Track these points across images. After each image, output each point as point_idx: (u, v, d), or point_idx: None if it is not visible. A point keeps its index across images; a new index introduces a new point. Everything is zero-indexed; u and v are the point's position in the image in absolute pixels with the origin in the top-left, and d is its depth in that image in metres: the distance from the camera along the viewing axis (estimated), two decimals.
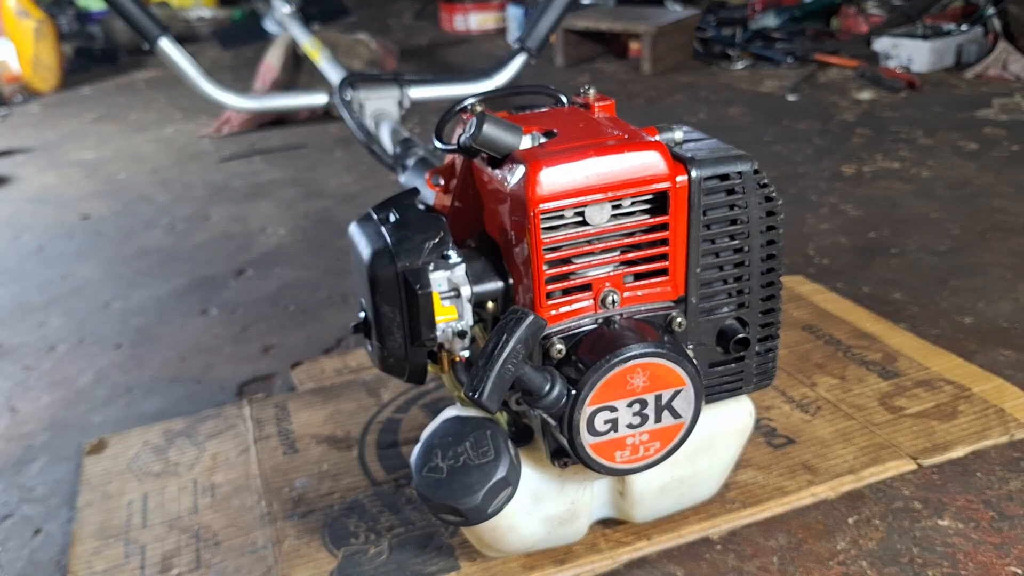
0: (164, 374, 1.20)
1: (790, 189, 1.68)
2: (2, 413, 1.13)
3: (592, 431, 0.62)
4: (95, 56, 3.52)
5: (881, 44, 2.60)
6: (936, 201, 1.58)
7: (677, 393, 0.63)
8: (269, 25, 2.72)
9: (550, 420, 0.62)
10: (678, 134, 0.68)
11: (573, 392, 0.60)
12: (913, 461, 0.85)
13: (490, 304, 0.67)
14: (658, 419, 0.64)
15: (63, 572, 0.82)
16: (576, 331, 0.63)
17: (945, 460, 0.86)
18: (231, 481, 0.91)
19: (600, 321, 0.63)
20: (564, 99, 0.74)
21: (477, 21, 3.66)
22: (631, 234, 0.63)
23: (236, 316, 1.36)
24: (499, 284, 0.66)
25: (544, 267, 0.61)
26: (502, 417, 0.71)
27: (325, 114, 2.44)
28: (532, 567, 0.75)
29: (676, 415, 0.64)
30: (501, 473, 0.62)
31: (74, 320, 1.39)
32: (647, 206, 0.63)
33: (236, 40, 3.36)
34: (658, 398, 0.63)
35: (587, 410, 0.61)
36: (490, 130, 0.60)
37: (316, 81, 2.34)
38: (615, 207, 0.62)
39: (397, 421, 0.99)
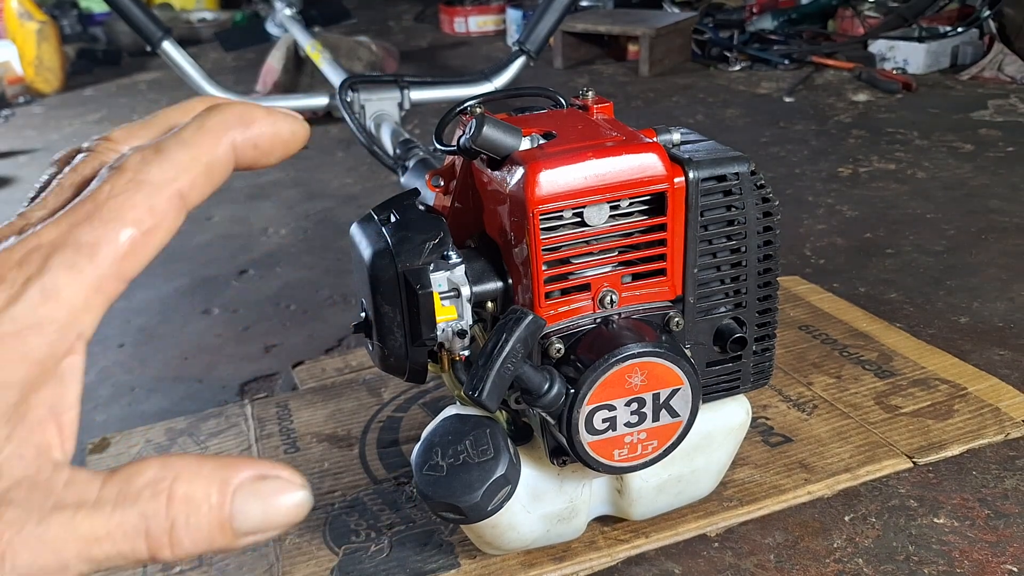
0: (166, 373, 1.21)
1: (787, 190, 1.69)
2: None
3: (590, 430, 0.62)
4: (97, 58, 3.53)
5: (877, 46, 2.61)
6: (932, 202, 1.59)
7: (675, 392, 0.64)
8: (271, 27, 2.73)
9: (549, 419, 0.63)
10: (676, 136, 0.69)
11: (572, 391, 0.61)
12: (909, 459, 0.86)
13: (490, 304, 0.67)
14: (656, 418, 0.64)
15: None
16: (575, 331, 0.64)
17: (941, 458, 0.86)
18: None
19: (598, 321, 0.64)
20: (563, 101, 0.75)
21: (476, 23, 3.67)
22: (629, 235, 0.64)
23: (238, 316, 1.36)
24: (499, 284, 0.67)
25: (543, 267, 0.62)
26: (501, 416, 0.71)
27: (326, 116, 2.45)
28: (531, 564, 0.76)
29: (674, 414, 0.65)
30: (501, 471, 0.63)
31: None
32: (645, 207, 0.64)
33: (238, 42, 3.37)
34: (656, 397, 0.63)
35: (585, 409, 0.62)
36: (490, 132, 0.61)
37: (317, 83, 2.35)
38: (613, 208, 0.62)
39: (398, 420, 1.00)
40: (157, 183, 0.24)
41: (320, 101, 1.43)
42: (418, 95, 1.35)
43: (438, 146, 0.70)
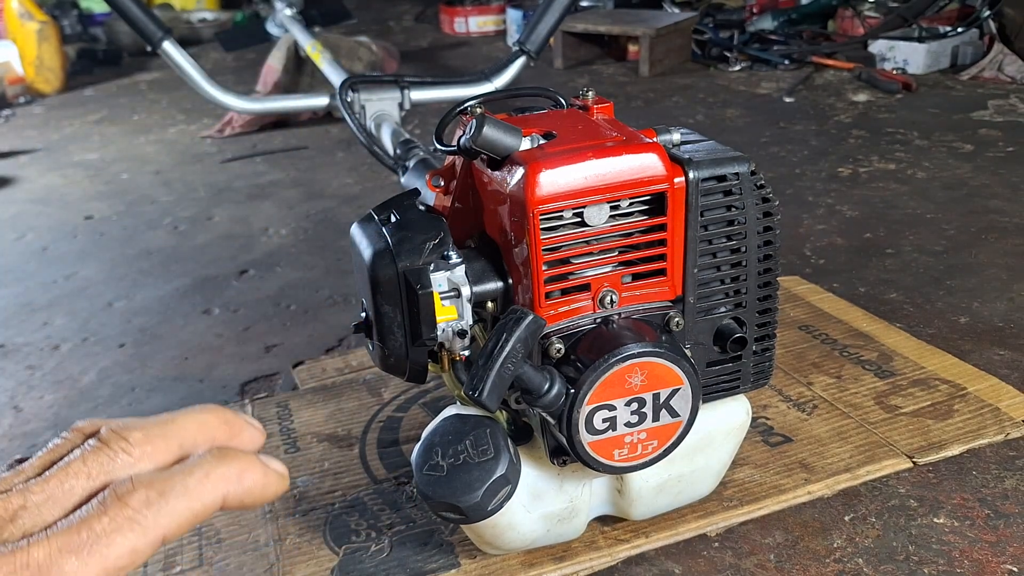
0: (167, 373, 1.21)
1: (787, 190, 1.69)
2: (6, 412, 1.14)
3: (591, 429, 0.63)
4: (98, 58, 3.53)
5: (877, 46, 2.61)
6: (932, 202, 1.59)
7: (675, 392, 0.64)
8: (271, 27, 2.73)
9: (549, 419, 0.63)
10: (676, 136, 0.69)
11: (572, 391, 0.61)
12: (909, 459, 0.86)
13: (490, 304, 0.67)
14: (656, 418, 0.64)
15: None
16: (575, 331, 0.64)
17: (940, 458, 0.86)
18: None
19: (599, 321, 0.64)
20: (563, 101, 0.75)
21: (477, 24, 3.67)
22: (629, 235, 0.64)
23: (238, 316, 1.37)
24: (499, 284, 0.67)
25: (543, 267, 0.62)
26: (502, 416, 0.72)
27: (326, 116, 2.45)
28: (531, 564, 0.76)
29: (674, 414, 0.65)
30: (501, 471, 0.63)
31: (77, 320, 1.40)
32: (645, 207, 0.64)
33: (238, 42, 3.37)
34: (656, 397, 0.64)
35: (586, 409, 0.62)
36: (490, 132, 0.61)
37: (318, 83, 2.35)
38: (613, 208, 0.62)
39: (398, 420, 1.00)
40: (149, 527, 0.28)
41: (320, 101, 1.43)
42: (418, 95, 1.35)
43: (438, 146, 0.70)
